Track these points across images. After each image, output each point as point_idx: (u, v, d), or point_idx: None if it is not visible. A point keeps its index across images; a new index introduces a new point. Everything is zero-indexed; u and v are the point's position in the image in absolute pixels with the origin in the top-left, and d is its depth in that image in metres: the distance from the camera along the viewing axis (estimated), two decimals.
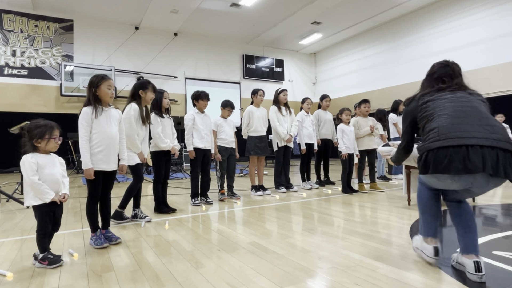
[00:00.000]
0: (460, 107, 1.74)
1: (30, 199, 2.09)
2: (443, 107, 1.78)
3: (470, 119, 1.67)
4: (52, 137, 2.14)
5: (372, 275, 1.83)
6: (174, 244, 2.52)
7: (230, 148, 4.51)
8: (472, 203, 3.85)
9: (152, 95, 3.39)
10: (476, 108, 1.73)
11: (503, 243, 2.34)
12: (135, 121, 3.21)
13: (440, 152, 1.66)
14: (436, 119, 1.77)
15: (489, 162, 1.56)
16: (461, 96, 1.82)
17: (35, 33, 10.43)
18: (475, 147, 1.58)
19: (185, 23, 11.72)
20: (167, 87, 11.64)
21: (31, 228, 3.12)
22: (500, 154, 1.57)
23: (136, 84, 3.40)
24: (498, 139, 1.60)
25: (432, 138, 1.73)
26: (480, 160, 1.57)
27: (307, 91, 15.44)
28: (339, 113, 4.96)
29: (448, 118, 1.71)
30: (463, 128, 1.64)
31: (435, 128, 1.74)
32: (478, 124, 1.65)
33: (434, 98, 1.87)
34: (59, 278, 1.91)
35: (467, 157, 1.58)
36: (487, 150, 1.58)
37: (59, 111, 10.50)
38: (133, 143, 3.20)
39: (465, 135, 1.62)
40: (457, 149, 1.61)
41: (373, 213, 3.46)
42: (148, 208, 3.94)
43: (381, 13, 11.37)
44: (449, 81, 1.94)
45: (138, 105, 3.26)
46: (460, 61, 7.92)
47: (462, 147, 1.60)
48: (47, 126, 2.13)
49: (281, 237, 2.65)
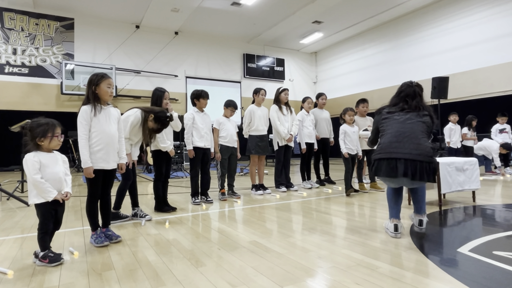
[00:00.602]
0: (402, 128, 2.43)
1: (33, 197, 2.10)
2: (391, 127, 2.49)
3: (405, 138, 2.37)
4: (54, 135, 2.14)
5: (372, 274, 1.83)
6: (175, 243, 2.52)
7: (231, 147, 4.51)
8: (473, 203, 3.85)
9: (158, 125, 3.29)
10: (412, 129, 2.41)
11: (503, 243, 2.34)
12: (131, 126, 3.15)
13: (380, 162, 2.42)
14: (383, 136, 2.50)
15: (409, 171, 2.29)
16: (408, 117, 2.49)
17: (35, 31, 10.42)
18: (400, 160, 2.31)
19: (185, 22, 11.71)
20: (167, 86, 11.64)
21: (31, 226, 3.12)
22: (419, 165, 2.28)
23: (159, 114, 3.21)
24: (419, 154, 2.30)
25: (377, 151, 2.46)
26: (403, 169, 2.29)
27: (307, 91, 15.43)
28: (343, 113, 4.83)
29: (389, 137, 2.43)
30: (396, 146, 2.37)
31: (380, 144, 2.48)
32: (409, 143, 2.34)
33: (389, 117, 2.56)
34: (60, 276, 1.92)
35: (395, 167, 2.32)
36: (409, 162, 2.29)
37: (59, 109, 10.50)
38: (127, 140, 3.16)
39: (395, 151, 2.35)
40: (389, 160, 2.35)
41: (373, 213, 3.46)
42: (149, 207, 3.94)
43: (382, 13, 11.36)
44: (410, 101, 2.57)
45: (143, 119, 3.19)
46: (461, 61, 7.99)
47: (393, 159, 2.34)
48: (49, 124, 2.14)
49: (282, 236, 2.65)
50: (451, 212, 3.43)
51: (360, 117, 5.24)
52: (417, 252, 2.20)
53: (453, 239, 2.48)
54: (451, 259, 2.05)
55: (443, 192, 3.54)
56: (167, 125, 3.36)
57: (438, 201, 3.61)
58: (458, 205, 3.80)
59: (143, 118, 3.19)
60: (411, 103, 2.54)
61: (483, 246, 2.28)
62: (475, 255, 2.11)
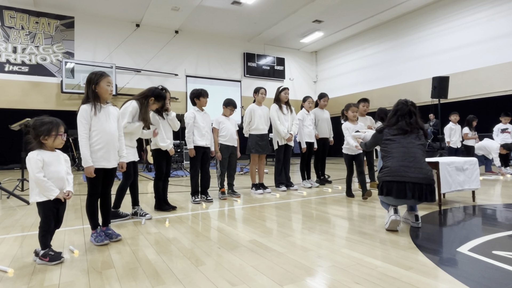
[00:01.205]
0: (407, 152, 2.73)
1: (35, 195, 2.10)
2: (396, 150, 2.77)
3: (410, 163, 2.68)
4: (59, 133, 2.15)
5: (372, 273, 1.84)
6: (174, 242, 2.52)
7: (231, 146, 4.51)
8: (473, 203, 3.85)
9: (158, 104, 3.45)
10: (415, 154, 2.72)
11: (503, 243, 2.34)
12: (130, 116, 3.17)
13: (390, 183, 2.68)
14: (390, 159, 2.77)
15: (416, 194, 2.61)
16: (410, 141, 2.79)
17: (36, 29, 10.42)
18: (409, 183, 2.61)
19: (186, 21, 11.71)
20: (167, 84, 11.64)
21: (32, 225, 3.12)
22: (424, 188, 2.61)
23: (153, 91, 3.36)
24: (424, 177, 2.62)
25: (386, 173, 2.72)
26: (411, 191, 2.61)
27: (308, 90, 15.43)
28: (345, 109, 4.55)
29: (397, 162, 2.71)
30: (404, 170, 2.66)
31: (388, 167, 2.74)
32: (414, 167, 2.66)
33: (392, 139, 2.83)
34: (60, 274, 1.92)
35: (404, 189, 2.61)
36: (416, 186, 2.61)
37: (59, 108, 10.51)
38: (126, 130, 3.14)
39: (404, 175, 2.64)
40: (399, 184, 2.64)
41: (373, 212, 3.46)
42: (149, 206, 3.94)
43: (382, 12, 11.35)
44: (407, 120, 2.86)
45: (140, 104, 3.23)
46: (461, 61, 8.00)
47: (402, 183, 2.63)
48: (53, 123, 2.14)
49: (281, 235, 2.66)
50: (450, 212, 3.44)
51: (360, 116, 5.24)
52: (417, 251, 2.20)
53: (453, 238, 2.49)
54: (450, 258, 2.06)
55: (443, 192, 3.54)
56: (166, 96, 3.49)
57: (438, 200, 3.60)
58: (457, 204, 3.80)
59: (140, 105, 3.22)
60: (408, 121, 2.84)
61: (483, 246, 2.28)
62: (475, 254, 2.11)
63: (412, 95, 11.14)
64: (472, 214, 3.35)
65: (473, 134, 6.94)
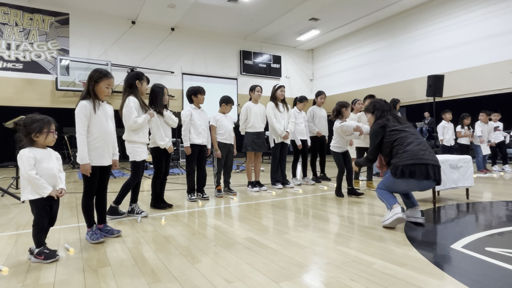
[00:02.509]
0: (418, 139, 2.88)
1: (27, 193, 2.08)
2: (408, 137, 2.87)
3: (424, 146, 2.81)
4: (50, 131, 2.14)
5: (367, 270, 1.85)
6: (171, 240, 2.52)
7: (228, 144, 4.52)
8: (466, 200, 3.89)
9: (146, 86, 3.35)
10: (423, 141, 2.89)
11: (496, 240, 2.37)
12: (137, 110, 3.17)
13: (412, 166, 2.71)
14: (405, 146, 2.83)
15: (436, 175, 2.74)
16: (414, 130, 2.98)
17: (30, 26, 10.32)
18: (430, 165, 2.72)
19: (182, 18, 11.65)
20: (164, 82, 11.54)
21: (26, 223, 3.11)
22: (438, 169, 2.76)
23: (131, 75, 3.29)
24: (436, 160, 2.78)
25: (406, 157, 2.76)
26: (432, 172, 2.71)
27: (304, 88, 15.45)
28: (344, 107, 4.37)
29: (415, 146, 2.80)
30: (424, 153, 2.76)
31: (407, 151, 2.78)
32: (429, 151, 2.80)
33: (398, 129, 2.94)
34: (55, 272, 1.92)
35: (427, 170, 2.70)
36: (436, 167, 2.75)
37: (54, 105, 10.43)
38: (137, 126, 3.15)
39: (424, 157, 2.74)
40: (421, 166, 2.71)
41: (368, 209, 3.49)
42: (145, 204, 3.93)
43: (378, 10, 11.38)
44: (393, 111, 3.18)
45: (136, 96, 3.23)
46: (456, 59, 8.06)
47: (424, 165, 2.71)
48: (44, 120, 2.13)
49: (277, 233, 2.67)
50: (444, 209, 3.47)
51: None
52: (411, 248, 2.22)
53: (447, 235, 2.51)
54: (444, 255, 2.08)
55: (437, 190, 3.57)
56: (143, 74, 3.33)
57: (433, 198, 3.64)
58: (451, 202, 3.84)
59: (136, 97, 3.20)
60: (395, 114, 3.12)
61: (476, 243, 2.31)
62: (468, 251, 2.14)
63: (407, 93, 11.21)
64: (466, 211, 3.39)
65: (466, 132, 6.99)
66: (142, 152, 3.24)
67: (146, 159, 3.35)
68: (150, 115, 3.30)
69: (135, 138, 3.19)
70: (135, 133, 3.19)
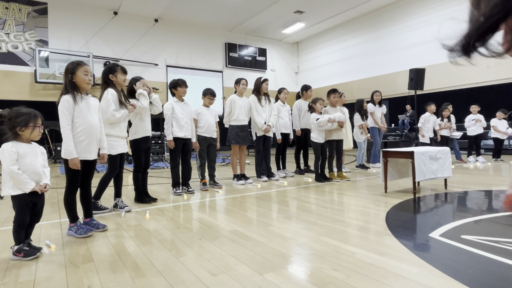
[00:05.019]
0: None
1: (8, 189, 2.04)
2: None
3: None
4: (36, 125, 2.09)
5: (349, 260, 1.90)
6: (155, 234, 2.51)
7: (209, 137, 4.50)
8: (445, 190, 4.02)
9: (123, 76, 3.23)
10: None
11: (471, 228, 2.47)
12: (114, 103, 3.10)
13: None
14: None
15: None
16: None
17: (5, 16, 9.91)
18: None
19: (166, 9, 11.42)
20: (147, 74, 11.41)
21: (5, 220, 3.03)
22: None
23: (104, 70, 3.23)
24: None
25: None
26: None
27: (289, 81, 15.47)
28: (313, 102, 5.00)
29: None
30: None
31: None
32: None
33: None
34: (36, 270, 1.88)
35: None
36: None
37: (34, 98, 10.10)
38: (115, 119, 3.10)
39: None
40: None
41: (351, 201, 3.56)
42: (129, 198, 3.89)
43: (362, 4, 11.45)
44: None
45: (114, 88, 3.16)
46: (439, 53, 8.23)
47: None
48: (31, 114, 2.09)
49: (262, 224, 2.70)
50: (424, 199, 3.58)
51: (331, 107, 5.30)
52: (392, 238, 2.29)
53: (426, 224, 2.60)
54: (423, 244, 2.15)
55: (417, 180, 3.67)
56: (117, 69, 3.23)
57: (413, 188, 3.74)
58: (431, 192, 3.96)
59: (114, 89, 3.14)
60: None
61: (453, 231, 2.40)
62: (445, 239, 2.22)
63: (390, 86, 11.38)
64: (444, 201, 3.50)
65: (446, 124, 7.16)
66: (119, 146, 3.17)
67: (127, 152, 3.31)
68: (129, 111, 3.25)
69: (111, 132, 3.12)
70: (111, 127, 3.12)
